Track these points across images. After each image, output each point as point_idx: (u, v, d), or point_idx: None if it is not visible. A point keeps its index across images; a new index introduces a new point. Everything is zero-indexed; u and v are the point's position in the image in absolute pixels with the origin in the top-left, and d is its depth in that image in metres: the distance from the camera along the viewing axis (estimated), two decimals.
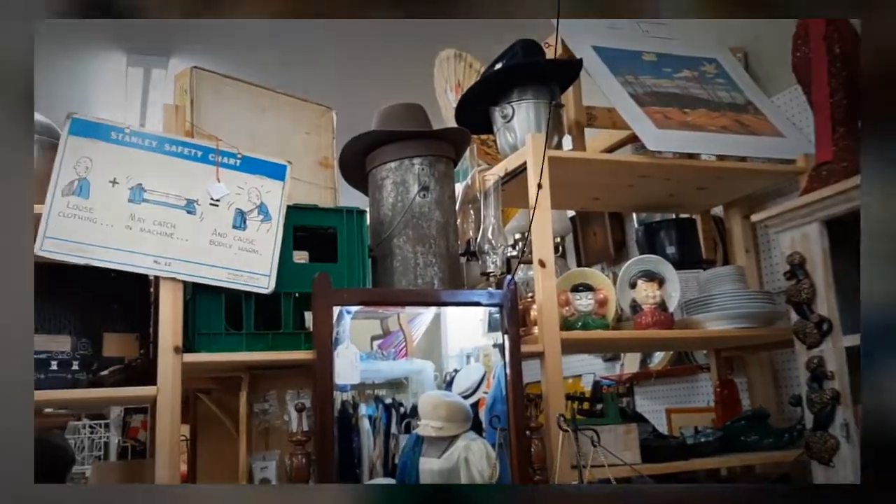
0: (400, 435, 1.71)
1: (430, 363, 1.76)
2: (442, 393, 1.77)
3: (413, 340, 1.82)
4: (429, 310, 1.77)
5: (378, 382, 1.76)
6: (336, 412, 1.67)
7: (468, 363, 1.79)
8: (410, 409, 1.72)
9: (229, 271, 1.61)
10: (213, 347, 1.61)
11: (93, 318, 1.68)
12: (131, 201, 1.58)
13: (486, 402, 1.74)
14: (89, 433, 2.83)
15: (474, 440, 1.72)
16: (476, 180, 2.12)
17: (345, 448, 1.65)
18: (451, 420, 1.73)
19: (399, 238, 1.83)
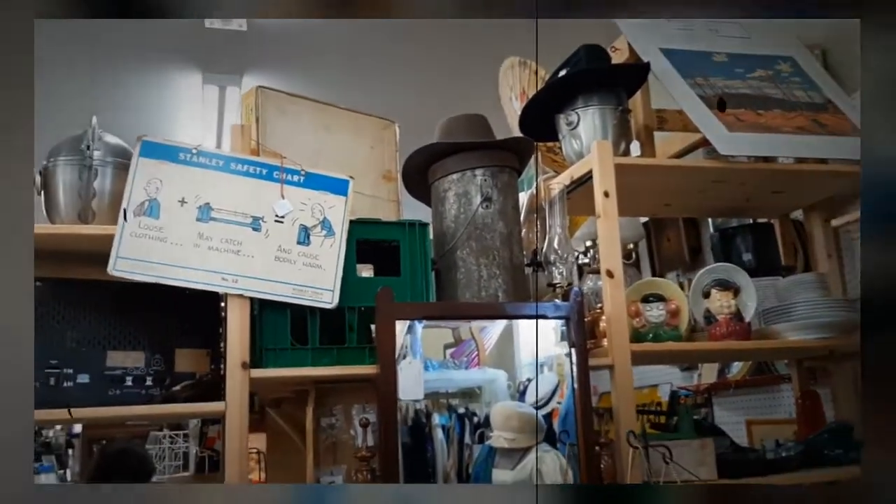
0: (474, 445, 1.70)
1: (503, 372, 1.74)
2: (514, 404, 1.75)
3: (485, 349, 1.80)
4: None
5: (451, 391, 1.75)
6: (409, 421, 1.68)
7: (541, 372, 1.76)
8: (484, 418, 1.71)
9: (294, 287, 1.63)
10: (280, 363, 1.63)
11: (165, 334, 1.72)
12: (199, 220, 1.61)
13: (560, 413, 1.71)
14: (169, 443, 2.92)
15: (547, 452, 1.69)
16: (541, 189, 2.09)
17: (418, 458, 1.65)
18: (524, 431, 1.71)
19: (462, 250, 1.81)
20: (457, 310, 1.74)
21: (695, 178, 2.11)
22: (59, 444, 7.26)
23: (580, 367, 1.69)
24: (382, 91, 3.68)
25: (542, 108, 2.15)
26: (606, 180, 1.88)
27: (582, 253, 2.47)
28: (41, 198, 1.72)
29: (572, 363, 1.69)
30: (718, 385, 2.83)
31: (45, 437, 7.46)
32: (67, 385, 1.58)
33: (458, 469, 1.73)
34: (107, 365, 1.64)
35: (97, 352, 1.64)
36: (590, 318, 1.94)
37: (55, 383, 1.57)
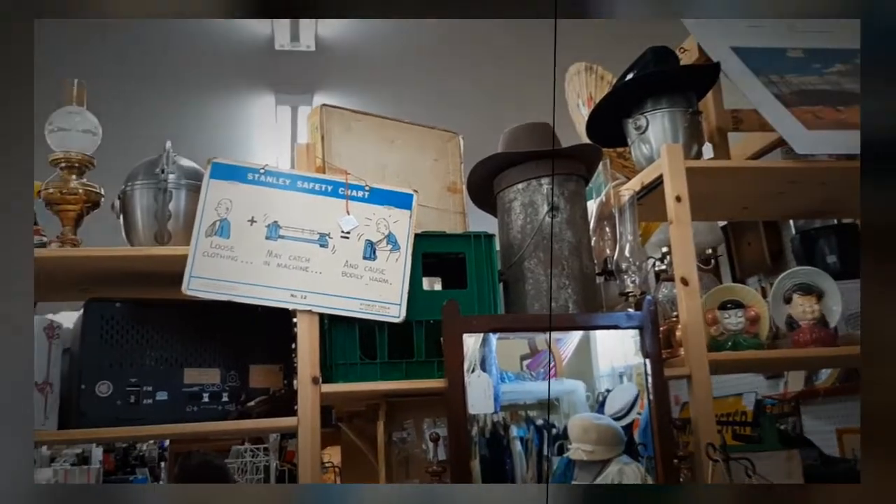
0: (553, 457, 1.67)
1: (581, 383, 1.71)
2: (592, 415, 1.71)
3: (562, 360, 1.77)
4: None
5: (529, 403, 1.73)
6: (487, 434, 1.66)
7: (621, 382, 1.72)
8: (563, 430, 1.68)
9: (361, 302, 1.64)
10: (350, 377, 1.64)
11: (240, 351, 1.75)
12: (268, 238, 1.64)
13: (640, 424, 1.66)
14: (251, 457, 2.98)
15: (628, 464, 1.65)
16: (611, 196, 2.05)
17: (497, 470, 1.63)
18: (602, 443, 1.68)
19: (530, 261, 1.79)
20: (525, 321, 1.71)
21: (771, 180, 2.03)
22: (151, 458, 7.54)
23: (655, 377, 1.64)
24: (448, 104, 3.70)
25: (610, 113, 2.11)
26: (677, 184, 1.83)
27: (658, 260, 2.41)
28: (120, 221, 1.78)
29: (647, 374, 1.65)
30: (806, 393, 2.71)
31: (139, 451, 7.77)
32: (147, 402, 1.63)
33: (538, 481, 1.71)
34: (184, 382, 1.68)
35: (175, 370, 1.68)
36: (665, 326, 1.88)
37: (135, 401, 1.62)
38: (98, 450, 6.76)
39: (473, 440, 1.67)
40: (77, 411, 1.56)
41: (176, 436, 1.63)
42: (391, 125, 1.94)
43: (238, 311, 1.72)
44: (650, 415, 1.63)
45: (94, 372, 1.59)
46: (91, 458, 6.33)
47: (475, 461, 1.69)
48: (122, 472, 7.09)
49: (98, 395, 1.58)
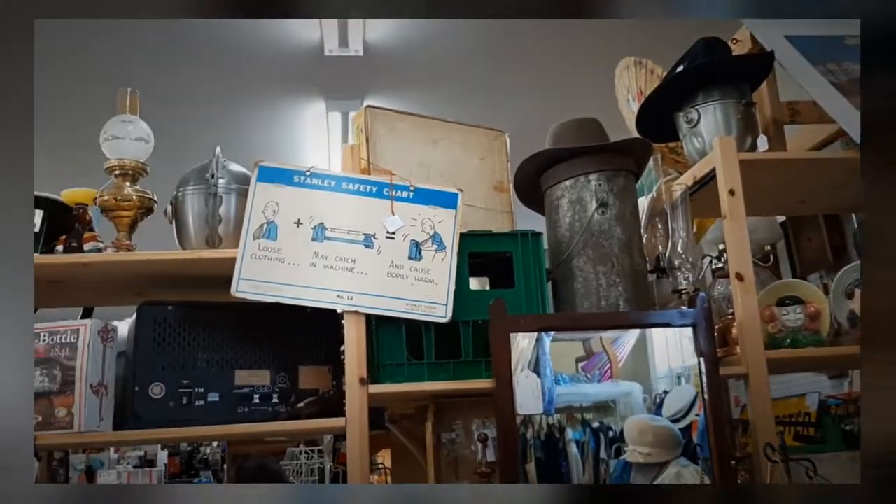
0: (610, 460, 1.64)
1: (638, 385, 1.68)
2: (648, 417, 1.68)
3: (618, 361, 1.74)
4: (632, 329, 1.68)
5: (585, 406, 1.71)
6: (542, 437, 1.64)
7: (678, 384, 1.68)
8: (619, 432, 1.65)
9: (407, 302, 1.63)
10: (397, 378, 1.63)
11: (289, 352, 1.77)
12: (314, 240, 1.65)
13: (698, 426, 1.62)
14: (305, 459, 3.00)
15: (686, 466, 1.61)
16: (662, 192, 2.00)
17: (553, 473, 1.61)
18: (659, 445, 1.64)
19: (579, 259, 1.76)
20: (573, 321, 1.68)
21: (830, 171, 1.95)
22: (215, 461, 7.71)
23: (710, 376, 1.59)
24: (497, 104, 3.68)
25: (661, 107, 2.07)
26: (731, 178, 1.78)
27: (715, 258, 2.35)
28: (173, 226, 1.82)
29: (701, 373, 1.60)
30: None
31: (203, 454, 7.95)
32: (199, 403, 1.65)
33: (595, 484, 1.68)
34: (235, 384, 1.70)
35: (226, 371, 1.70)
36: (721, 324, 1.83)
37: (188, 402, 1.64)
38: (163, 453, 6.94)
39: (529, 443, 1.65)
40: (131, 413, 1.60)
41: (227, 436, 1.65)
42: (436, 125, 1.93)
43: (287, 312, 1.73)
44: (706, 415, 1.58)
45: (147, 374, 1.62)
46: (156, 461, 6.50)
47: (530, 464, 1.67)
48: (186, 474, 7.27)
49: (151, 396, 1.61)
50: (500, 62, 3.66)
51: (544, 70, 3.75)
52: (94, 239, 1.81)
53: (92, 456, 6.29)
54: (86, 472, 5.89)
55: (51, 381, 1.54)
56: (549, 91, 3.81)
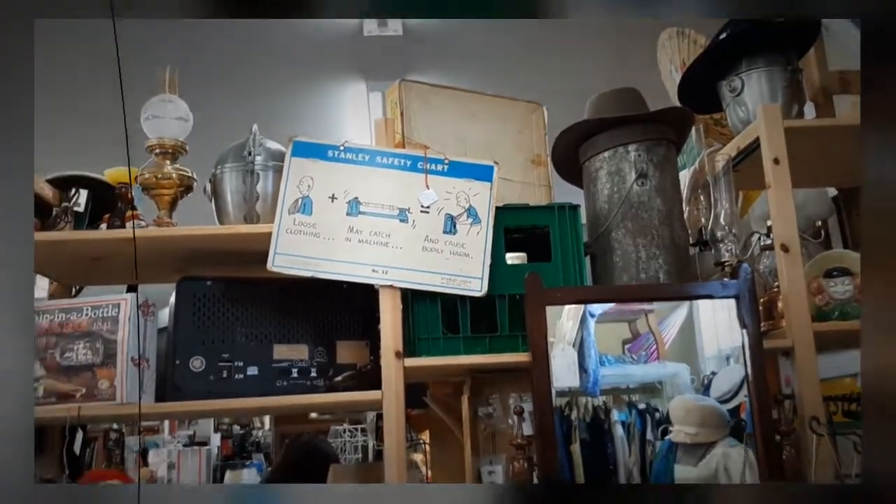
0: (656, 441, 1.63)
1: (685, 366, 1.65)
2: (695, 397, 1.65)
3: (664, 342, 1.72)
4: (679, 310, 1.66)
5: (631, 387, 1.69)
6: (588, 418, 1.63)
7: (727, 365, 1.65)
8: (666, 414, 1.63)
9: (442, 276, 1.63)
10: (433, 352, 1.63)
11: (327, 327, 1.78)
12: (349, 214, 1.65)
13: (747, 407, 1.59)
14: (349, 437, 3.03)
15: (734, 447, 1.59)
16: (705, 163, 1.95)
17: (599, 455, 1.60)
18: (706, 426, 1.61)
19: (617, 231, 1.73)
20: (611, 293, 1.65)
21: None
22: (266, 444, 7.86)
23: (753, 349, 1.55)
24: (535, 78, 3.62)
25: (704, 76, 2.01)
26: (776, 146, 1.73)
27: (763, 235, 2.29)
28: (212, 204, 1.83)
29: (744, 345, 1.56)
30: None
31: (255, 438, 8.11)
32: (238, 377, 1.67)
33: (641, 466, 1.66)
34: (274, 358, 1.72)
35: (265, 346, 1.72)
36: (766, 298, 1.78)
37: (227, 375, 1.66)
38: (216, 435, 7.09)
39: (573, 424, 1.64)
40: (172, 386, 1.62)
41: (266, 409, 1.67)
42: (473, 98, 1.91)
43: (324, 288, 1.74)
44: (749, 389, 1.55)
45: (187, 347, 1.65)
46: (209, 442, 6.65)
47: (575, 445, 1.66)
48: (238, 457, 7.42)
49: (192, 370, 1.64)
50: (538, 36, 3.60)
51: (585, 43, 3.69)
52: (137, 217, 1.84)
53: (147, 438, 6.46)
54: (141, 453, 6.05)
55: (93, 353, 1.58)
56: (589, 63, 3.74)
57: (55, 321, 1.60)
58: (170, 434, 6.56)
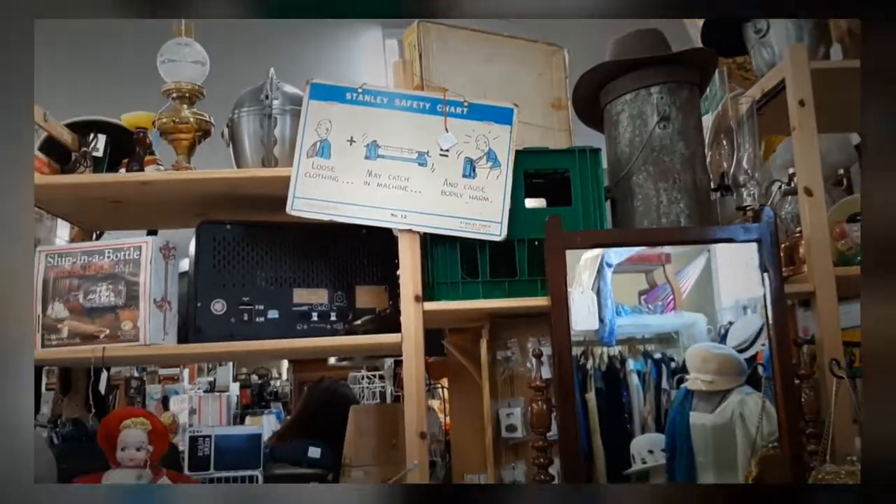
0: (671, 390, 1.64)
1: (702, 316, 1.65)
2: (712, 345, 1.66)
3: (682, 293, 1.72)
4: (696, 260, 1.66)
5: (647, 337, 1.69)
6: (603, 367, 1.64)
7: (744, 314, 1.65)
8: (682, 363, 1.64)
9: (462, 220, 1.62)
10: (452, 296, 1.63)
11: (346, 272, 1.79)
12: (367, 158, 1.64)
13: (765, 354, 1.59)
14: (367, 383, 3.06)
15: (750, 394, 1.60)
16: (728, 107, 1.92)
17: (614, 404, 1.62)
18: (723, 373, 1.62)
19: (638, 175, 1.71)
20: (631, 237, 1.64)
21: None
22: (284, 393, 7.99)
23: (775, 292, 1.54)
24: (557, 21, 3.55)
25: (729, 19, 1.97)
26: (801, 88, 1.69)
27: (785, 183, 2.26)
28: (230, 150, 1.83)
29: (765, 289, 1.55)
30: None
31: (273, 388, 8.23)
32: (259, 320, 1.69)
33: (657, 414, 1.67)
34: (294, 302, 1.73)
35: (285, 290, 1.73)
36: (788, 243, 1.77)
37: (248, 319, 1.68)
38: (235, 385, 7.21)
39: (589, 373, 1.65)
40: (194, 328, 1.64)
41: (286, 351, 1.69)
42: (492, 39, 1.87)
43: (343, 232, 1.75)
44: (769, 332, 1.54)
45: (208, 290, 1.66)
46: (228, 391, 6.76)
47: (590, 393, 1.67)
48: (257, 406, 7.55)
49: (213, 312, 1.65)
50: None
51: None
52: (155, 162, 1.84)
53: (167, 386, 6.58)
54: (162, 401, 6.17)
55: (116, 295, 1.59)
56: None
57: (77, 263, 1.62)
58: (189, 383, 6.67)
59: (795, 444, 1.48)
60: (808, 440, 1.50)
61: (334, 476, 1.79)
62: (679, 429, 1.64)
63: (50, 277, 1.62)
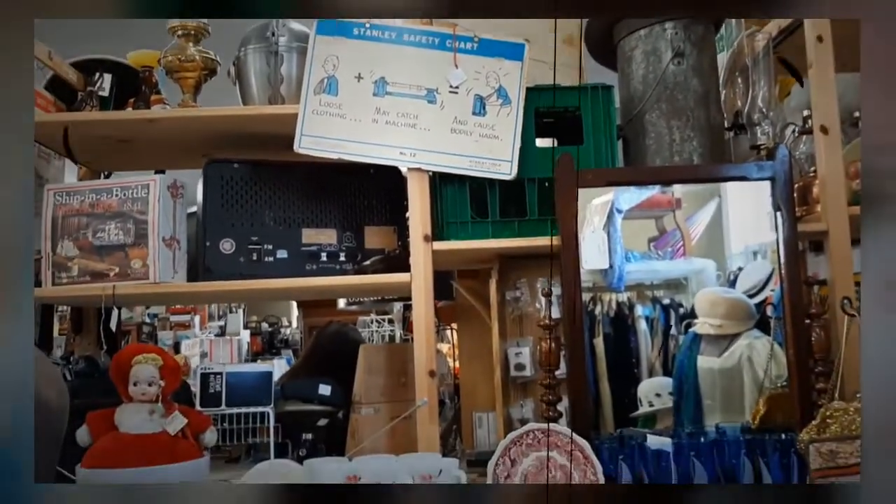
0: (679, 336, 1.64)
1: (712, 262, 1.64)
2: (721, 289, 1.65)
3: (692, 239, 1.70)
4: (707, 206, 1.64)
5: (656, 283, 1.69)
6: (611, 313, 1.63)
7: (754, 260, 1.63)
8: (690, 309, 1.64)
9: (471, 159, 1.60)
10: (461, 235, 1.62)
11: (355, 212, 1.78)
12: (376, 95, 1.62)
13: (774, 297, 1.58)
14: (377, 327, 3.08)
15: (758, 338, 1.59)
16: (744, 45, 1.88)
17: (622, 349, 1.62)
18: (731, 318, 1.62)
19: (652, 113, 1.68)
20: (644, 174, 1.62)
21: None
22: (294, 341, 8.07)
23: (787, 231, 1.52)
24: None
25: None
26: (820, 23, 1.65)
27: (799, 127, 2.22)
28: (237, 88, 1.81)
29: (778, 228, 1.53)
30: None
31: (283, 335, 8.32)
32: (268, 260, 1.69)
33: (664, 359, 1.68)
34: (303, 242, 1.73)
35: (293, 229, 1.73)
36: (801, 183, 1.74)
37: (257, 258, 1.68)
38: (245, 332, 7.29)
39: (597, 319, 1.65)
40: (203, 267, 1.64)
41: (296, 290, 1.69)
42: None
43: (352, 172, 1.73)
44: (779, 271, 1.53)
45: (217, 229, 1.66)
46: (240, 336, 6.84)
47: (598, 339, 1.67)
48: (268, 353, 7.64)
49: (222, 252, 1.65)
50: None
51: None
52: (161, 101, 1.83)
53: (178, 332, 6.66)
54: (173, 347, 6.25)
55: (125, 234, 1.59)
56: None
57: (86, 202, 1.61)
58: (200, 328, 6.75)
59: (804, 382, 1.48)
60: (816, 378, 1.50)
61: (345, 413, 1.81)
62: (686, 372, 1.64)
63: (59, 216, 1.62)
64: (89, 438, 1.28)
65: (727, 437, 1.46)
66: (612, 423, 1.62)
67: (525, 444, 1.40)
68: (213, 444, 1.38)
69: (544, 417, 1.46)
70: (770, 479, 1.39)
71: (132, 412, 1.28)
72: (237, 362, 5.54)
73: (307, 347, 2.38)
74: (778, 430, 1.45)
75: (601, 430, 1.55)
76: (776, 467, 1.39)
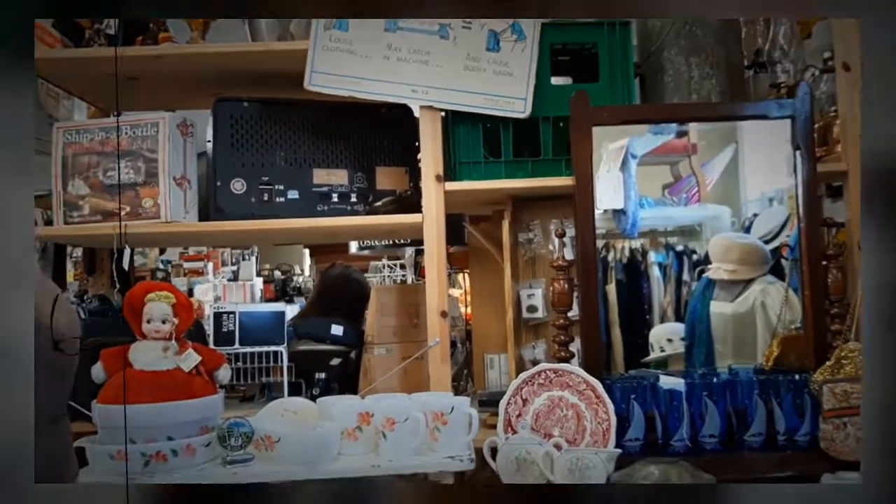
0: (692, 282, 1.64)
1: (727, 208, 1.64)
2: (735, 235, 1.64)
3: (707, 185, 1.68)
4: (723, 152, 1.63)
5: (670, 230, 1.68)
6: (624, 259, 1.62)
7: (770, 207, 1.62)
8: (704, 256, 1.63)
9: (484, 97, 1.57)
10: (474, 176, 1.61)
11: (366, 153, 1.76)
12: (387, 30, 1.58)
13: (791, 239, 1.57)
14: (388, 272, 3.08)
15: (772, 283, 1.59)
16: None
17: (635, 296, 1.62)
18: (745, 263, 1.61)
19: (670, 50, 1.64)
20: (661, 112, 1.59)
21: None
22: (307, 288, 8.10)
23: (807, 170, 1.49)
24: None
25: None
26: None
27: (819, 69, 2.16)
28: (246, 28, 1.77)
29: (797, 167, 1.50)
30: None
31: (296, 283, 8.35)
32: (279, 200, 1.67)
33: (677, 305, 1.67)
34: (314, 182, 1.71)
35: (304, 170, 1.71)
36: (821, 123, 1.71)
37: (268, 198, 1.66)
38: (258, 279, 7.32)
39: (610, 265, 1.63)
40: (214, 207, 1.63)
41: (306, 230, 1.68)
42: None
43: (363, 112, 1.71)
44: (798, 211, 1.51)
45: (227, 169, 1.64)
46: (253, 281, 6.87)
47: (611, 285, 1.66)
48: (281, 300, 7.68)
49: (233, 192, 1.64)
50: None
51: None
52: (170, 39, 1.79)
53: (192, 279, 6.69)
54: (187, 293, 6.29)
55: (136, 172, 1.58)
56: None
57: (95, 140, 1.60)
58: (213, 274, 6.78)
59: (819, 323, 1.47)
60: (832, 320, 1.49)
61: (357, 353, 1.82)
62: (699, 317, 1.64)
63: (69, 154, 1.61)
64: (104, 375, 1.28)
65: (740, 377, 1.46)
66: (624, 368, 1.62)
67: (537, 383, 1.40)
68: (227, 382, 1.38)
69: (556, 358, 1.46)
70: (783, 419, 1.39)
71: (146, 349, 1.29)
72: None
73: (315, 288, 2.38)
74: (791, 371, 1.45)
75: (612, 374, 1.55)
76: (789, 407, 1.39)
